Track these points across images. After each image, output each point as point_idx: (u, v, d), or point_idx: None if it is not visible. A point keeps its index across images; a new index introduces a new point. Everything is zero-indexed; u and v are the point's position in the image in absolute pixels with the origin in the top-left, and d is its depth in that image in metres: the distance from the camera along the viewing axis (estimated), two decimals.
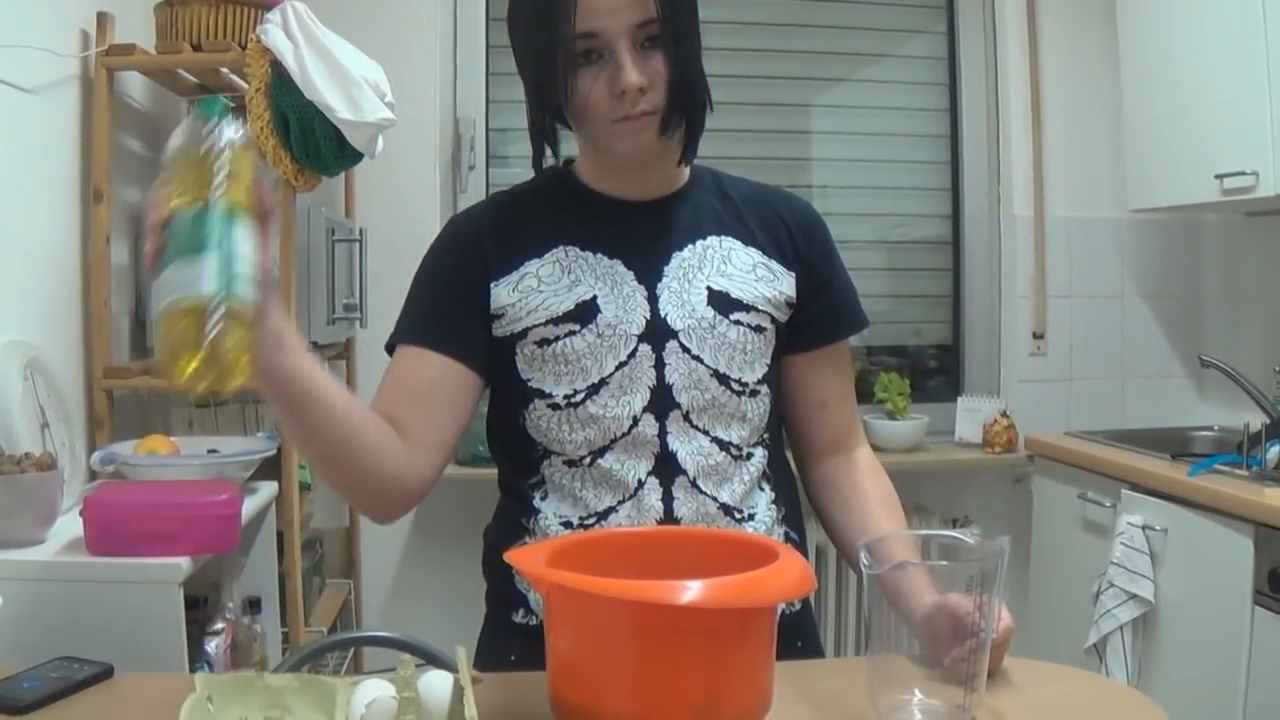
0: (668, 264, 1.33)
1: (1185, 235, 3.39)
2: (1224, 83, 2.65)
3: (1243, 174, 2.57)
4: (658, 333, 1.29)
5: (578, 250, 1.32)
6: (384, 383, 1.31)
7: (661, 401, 1.28)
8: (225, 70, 2.31)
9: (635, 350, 1.28)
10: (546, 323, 1.28)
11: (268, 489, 2.08)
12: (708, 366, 1.30)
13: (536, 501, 1.32)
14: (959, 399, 3.31)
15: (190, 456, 1.95)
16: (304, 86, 2.04)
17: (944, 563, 1.11)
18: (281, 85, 2.06)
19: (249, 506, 1.89)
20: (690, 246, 1.34)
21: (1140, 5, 3.00)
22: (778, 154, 3.33)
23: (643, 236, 1.34)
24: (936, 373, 3.51)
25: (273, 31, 2.05)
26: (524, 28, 1.29)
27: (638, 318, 1.29)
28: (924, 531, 1.12)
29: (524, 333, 1.29)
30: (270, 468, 2.10)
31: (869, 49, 3.43)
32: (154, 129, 2.55)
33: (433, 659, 1.39)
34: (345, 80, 2.07)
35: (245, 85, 2.13)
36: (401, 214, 3.04)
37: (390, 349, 1.35)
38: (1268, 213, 3.03)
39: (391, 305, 3.23)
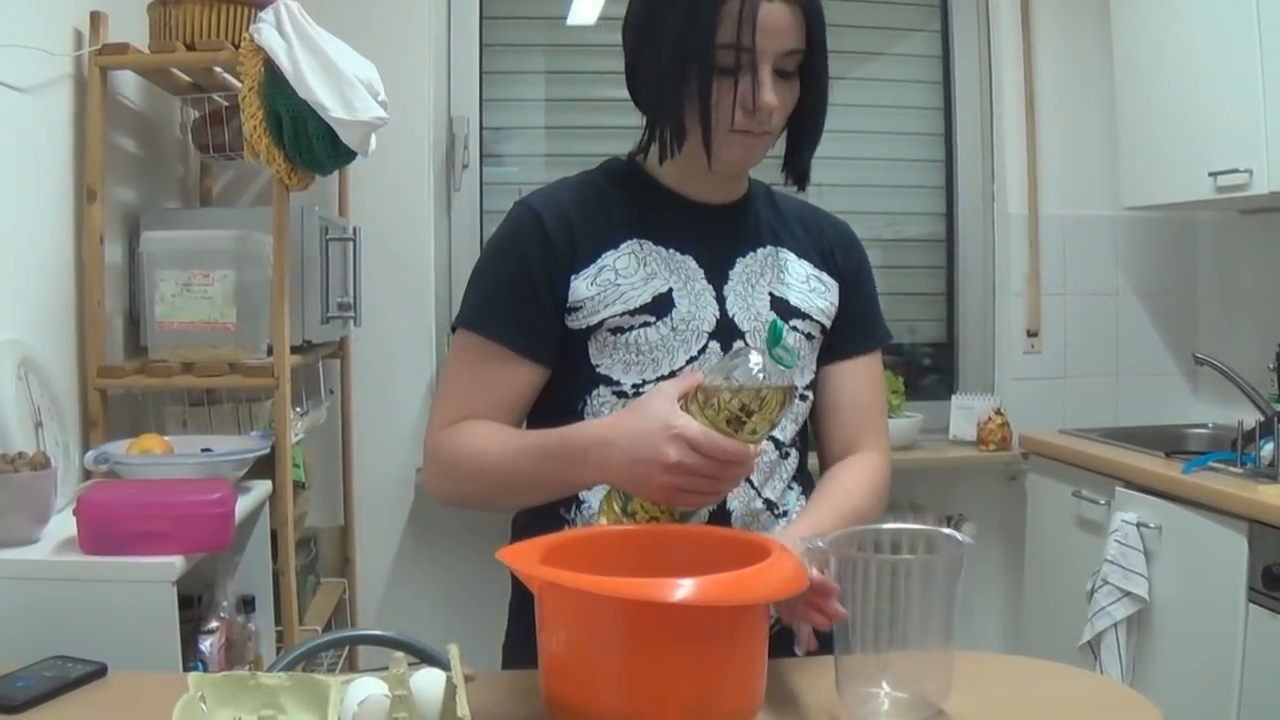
0: (733, 267, 1.38)
1: (1179, 233, 3.40)
2: (1218, 81, 2.66)
3: (1236, 171, 2.58)
4: (727, 331, 1.34)
5: (651, 244, 1.35)
6: (466, 376, 1.34)
7: None
8: (219, 69, 2.31)
9: (705, 346, 1.33)
10: (622, 314, 1.31)
11: (261, 488, 2.07)
12: None
13: (582, 491, 1.33)
14: (953, 397, 3.31)
15: (184, 455, 1.95)
16: (297, 85, 2.03)
17: (908, 557, 1.10)
18: (275, 84, 2.06)
19: (243, 505, 1.89)
20: (753, 253, 1.40)
21: (1134, 3, 3.00)
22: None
23: (712, 237, 1.38)
24: (931, 371, 3.51)
25: (266, 30, 2.05)
26: (675, 26, 1.27)
27: (709, 315, 1.34)
28: (891, 525, 1.12)
29: (599, 324, 1.31)
30: (264, 466, 2.09)
31: (863, 47, 3.43)
32: (148, 128, 2.54)
33: (427, 657, 1.38)
34: (338, 79, 2.07)
35: (238, 84, 2.13)
36: (395, 213, 3.04)
37: (463, 325, 1.35)
38: (1262, 210, 3.03)
39: (385, 304, 3.24)
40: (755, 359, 1.08)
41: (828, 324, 1.43)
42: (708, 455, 1.07)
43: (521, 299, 1.32)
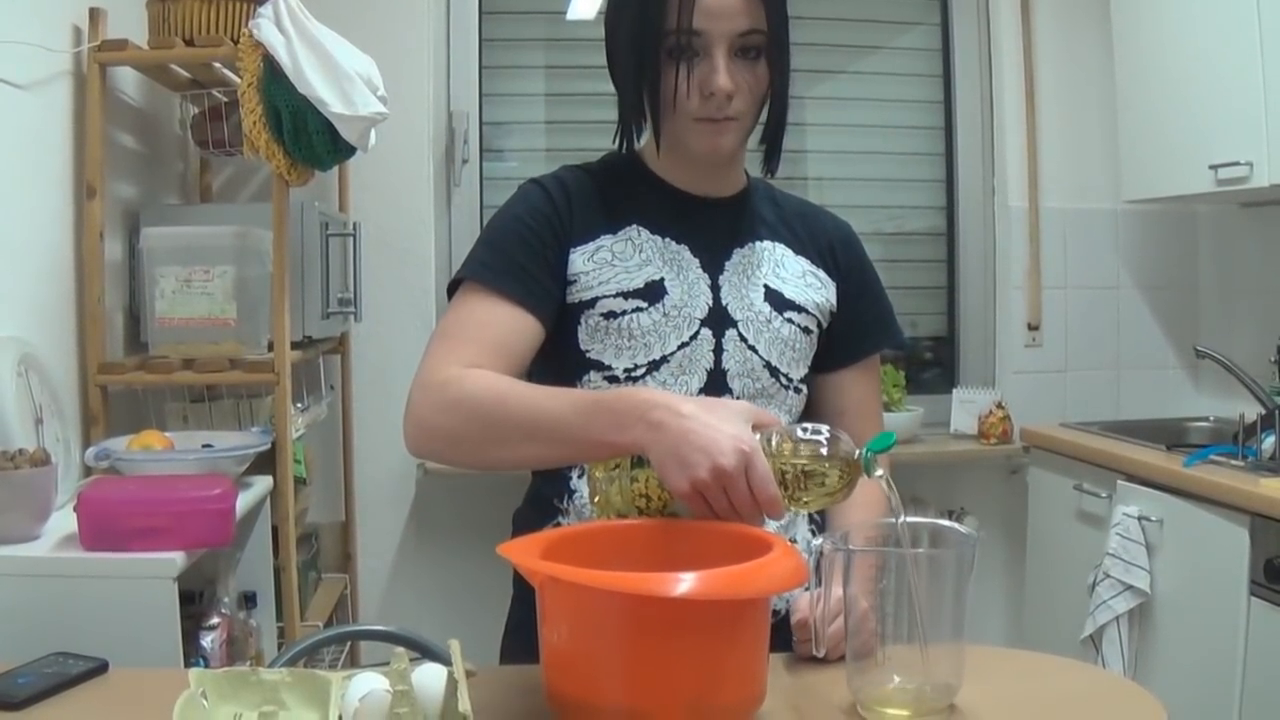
0: (729, 259, 1.39)
1: (1180, 226, 3.39)
2: (1218, 73, 2.65)
3: (1237, 164, 2.57)
4: (719, 320, 1.35)
5: (648, 232, 1.37)
6: (473, 322, 1.29)
7: (716, 386, 1.34)
8: (218, 65, 2.31)
9: (697, 333, 1.34)
10: (616, 295, 1.32)
11: (262, 483, 2.07)
12: (761, 357, 1.36)
13: (574, 480, 1.34)
14: (954, 390, 3.31)
15: (184, 451, 1.95)
16: (296, 80, 2.03)
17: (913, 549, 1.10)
18: (274, 79, 2.05)
19: (244, 501, 1.89)
20: (750, 245, 1.41)
21: None
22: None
23: (707, 229, 1.39)
24: (932, 364, 3.51)
25: (265, 26, 2.04)
26: (630, 13, 1.30)
27: (702, 303, 1.35)
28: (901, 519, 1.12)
29: (593, 302, 1.32)
30: (265, 462, 2.09)
31: (863, 41, 3.42)
32: (147, 124, 2.54)
33: (428, 652, 1.39)
34: (338, 74, 2.07)
35: (238, 80, 2.13)
36: (395, 208, 3.04)
37: (463, 280, 1.33)
38: (1262, 203, 3.03)
39: (386, 299, 3.24)
40: (839, 440, 1.07)
41: (824, 320, 1.44)
42: (754, 488, 1.03)
43: (529, 256, 1.32)
